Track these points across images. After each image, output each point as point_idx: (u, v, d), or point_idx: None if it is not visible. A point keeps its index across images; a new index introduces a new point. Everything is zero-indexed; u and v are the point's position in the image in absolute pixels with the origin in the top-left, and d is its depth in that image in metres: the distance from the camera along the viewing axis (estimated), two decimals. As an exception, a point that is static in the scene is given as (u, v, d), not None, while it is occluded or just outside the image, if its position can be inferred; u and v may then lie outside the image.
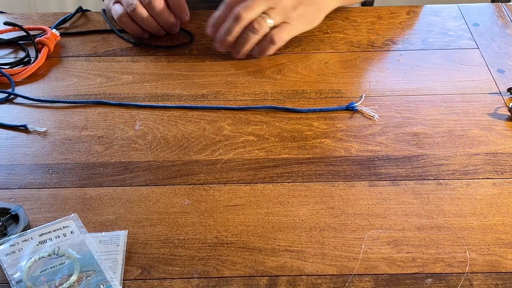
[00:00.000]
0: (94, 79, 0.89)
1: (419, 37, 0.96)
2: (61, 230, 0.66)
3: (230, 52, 0.91)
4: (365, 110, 0.82)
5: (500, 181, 0.72)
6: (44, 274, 0.62)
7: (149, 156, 0.76)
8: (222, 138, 0.79)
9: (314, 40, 0.96)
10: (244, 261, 0.64)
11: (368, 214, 0.68)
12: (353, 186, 0.72)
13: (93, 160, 0.76)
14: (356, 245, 0.65)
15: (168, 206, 0.70)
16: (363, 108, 0.82)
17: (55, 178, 0.73)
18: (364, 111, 0.82)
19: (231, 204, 0.70)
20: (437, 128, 0.80)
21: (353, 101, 0.82)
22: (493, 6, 1.05)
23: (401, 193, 0.71)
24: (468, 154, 0.76)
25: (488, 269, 0.63)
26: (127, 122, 0.81)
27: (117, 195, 0.71)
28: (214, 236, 0.66)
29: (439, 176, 0.73)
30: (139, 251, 0.65)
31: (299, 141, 0.78)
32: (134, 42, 0.95)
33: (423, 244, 0.65)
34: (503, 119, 0.81)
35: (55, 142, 0.78)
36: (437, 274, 0.62)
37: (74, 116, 0.82)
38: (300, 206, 0.70)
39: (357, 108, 0.82)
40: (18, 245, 0.64)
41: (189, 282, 0.62)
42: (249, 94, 0.85)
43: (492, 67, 0.90)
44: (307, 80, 0.88)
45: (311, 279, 0.62)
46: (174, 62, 0.92)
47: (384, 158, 0.75)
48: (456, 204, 0.69)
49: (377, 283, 0.61)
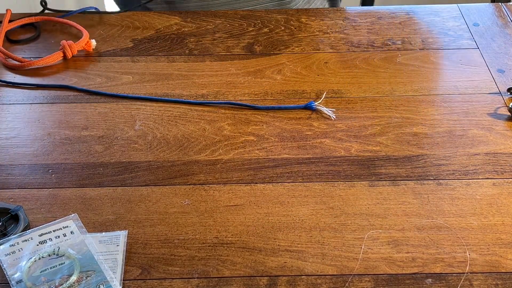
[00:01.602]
0: (94, 79, 0.89)
1: (419, 37, 0.96)
2: (61, 230, 0.66)
3: None
4: (323, 109, 0.82)
5: (500, 181, 0.72)
6: (44, 274, 0.62)
7: (149, 156, 0.76)
8: (222, 138, 0.79)
9: (314, 40, 0.96)
10: (244, 261, 0.64)
11: (368, 214, 0.68)
12: (353, 186, 0.72)
13: (93, 160, 0.76)
14: (356, 245, 0.65)
15: (168, 206, 0.70)
16: (322, 107, 0.82)
17: (55, 178, 0.73)
18: (322, 110, 0.82)
19: (231, 204, 0.70)
20: (437, 128, 0.80)
21: (312, 101, 0.83)
22: (493, 6, 1.05)
23: (401, 193, 0.71)
24: (468, 154, 0.76)
25: (488, 269, 0.63)
26: (127, 122, 0.81)
27: (117, 195, 0.71)
28: (214, 236, 0.66)
29: (439, 176, 0.73)
30: (139, 251, 0.65)
31: (299, 141, 0.78)
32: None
33: (423, 244, 0.65)
34: (503, 119, 0.81)
35: (55, 142, 0.78)
36: (437, 274, 0.62)
37: (74, 116, 0.82)
38: (300, 206, 0.70)
39: (315, 107, 0.82)
40: (18, 245, 0.64)
41: (189, 282, 0.62)
42: (249, 94, 0.85)
43: (492, 67, 0.90)
44: (307, 80, 0.88)
45: (311, 279, 0.62)
46: (174, 62, 0.92)
47: (384, 158, 0.75)
48: (456, 204, 0.69)
49: (377, 283, 0.61)
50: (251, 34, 0.98)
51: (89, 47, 0.94)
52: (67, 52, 0.91)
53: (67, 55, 0.92)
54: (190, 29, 0.99)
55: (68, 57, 0.92)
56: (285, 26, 0.99)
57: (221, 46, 0.95)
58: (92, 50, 0.94)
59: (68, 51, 0.91)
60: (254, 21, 1.00)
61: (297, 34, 0.97)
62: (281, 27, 0.99)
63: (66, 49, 0.91)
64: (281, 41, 0.96)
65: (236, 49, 0.94)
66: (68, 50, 0.91)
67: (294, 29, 0.98)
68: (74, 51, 0.92)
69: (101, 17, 1.02)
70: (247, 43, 0.96)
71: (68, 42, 0.92)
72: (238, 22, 1.00)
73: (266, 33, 0.98)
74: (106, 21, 1.01)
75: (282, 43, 0.95)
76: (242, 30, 0.98)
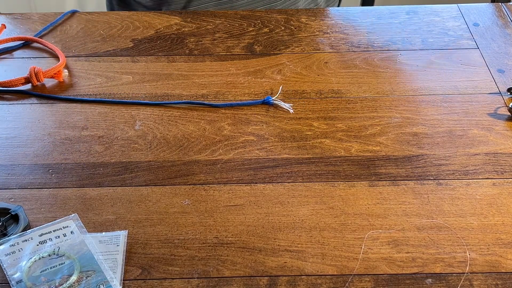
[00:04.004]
0: (94, 79, 0.89)
1: (419, 37, 0.96)
2: (61, 230, 0.66)
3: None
4: (280, 104, 0.82)
5: (500, 181, 0.72)
6: (44, 274, 0.62)
7: (149, 156, 0.76)
8: (222, 138, 0.79)
9: (314, 40, 0.96)
10: (244, 261, 0.64)
11: (368, 214, 0.68)
12: (353, 186, 0.72)
13: (93, 160, 0.76)
14: (356, 245, 0.65)
15: (168, 206, 0.70)
16: (279, 102, 0.82)
17: (55, 178, 0.73)
18: (280, 104, 0.82)
19: (231, 204, 0.70)
20: (437, 128, 0.80)
21: (269, 96, 0.83)
22: (493, 6, 1.05)
23: (401, 193, 0.71)
24: (468, 154, 0.76)
25: (488, 269, 0.63)
26: (127, 122, 0.81)
27: (117, 195, 0.71)
28: (214, 236, 0.66)
29: (439, 176, 0.73)
30: (139, 251, 0.65)
31: (299, 141, 0.78)
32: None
33: (423, 244, 0.65)
34: (503, 119, 0.81)
35: (55, 142, 0.78)
36: (437, 274, 0.62)
37: (74, 116, 0.82)
38: (300, 206, 0.70)
39: (273, 102, 0.82)
40: (18, 245, 0.64)
41: (189, 282, 0.62)
42: (249, 94, 0.85)
43: (492, 67, 0.90)
44: (307, 80, 0.88)
45: (311, 279, 0.62)
46: (174, 62, 0.92)
47: (384, 158, 0.75)
48: (456, 204, 0.69)
49: (377, 283, 0.61)
50: (251, 34, 0.98)
51: (59, 77, 0.88)
52: (32, 80, 0.86)
53: (32, 82, 0.86)
54: (190, 29, 0.99)
55: (34, 84, 0.87)
56: (285, 26, 0.99)
57: (221, 46, 0.95)
58: (62, 80, 0.88)
59: (33, 79, 0.86)
60: (254, 21, 1.00)
61: (297, 34, 0.97)
62: (281, 27, 0.99)
63: (32, 77, 0.86)
64: (281, 41, 0.96)
65: (236, 49, 0.94)
66: (34, 78, 0.86)
67: (294, 29, 0.98)
68: (41, 79, 0.86)
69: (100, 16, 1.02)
70: (247, 43, 0.96)
71: (36, 69, 0.86)
72: (238, 22, 1.00)
73: (266, 33, 0.98)
74: (106, 21, 1.01)
75: (282, 43, 0.95)
76: (242, 30, 0.98)
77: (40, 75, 0.87)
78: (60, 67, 0.89)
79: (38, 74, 0.86)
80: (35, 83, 0.87)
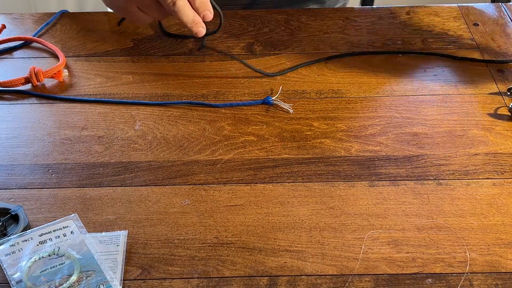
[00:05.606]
0: (94, 79, 0.89)
1: (419, 37, 0.96)
2: (61, 230, 0.66)
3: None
4: (280, 104, 0.82)
5: (500, 181, 0.72)
6: (44, 274, 0.62)
7: (149, 156, 0.76)
8: (222, 138, 0.79)
9: (314, 40, 0.96)
10: (244, 261, 0.64)
11: (368, 214, 0.68)
12: (353, 186, 0.72)
13: (93, 160, 0.76)
14: (356, 245, 0.65)
15: (168, 206, 0.70)
16: (279, 102, 0.82)
17: (55, 178, 0.73)
18: (280, 104, 0.82)
19: (231, 204, 0.70)
20: (437, 128, 0.80)
21: (269, 96, 0.83)
22: (493, 6, 1.05)
23: (401, 193, 0.71)
24: (468, 154, 0.76)
25: (488, 269, 0.63)
26: (127, 122, 0.81)
27: (117, 195, 0.71)
28: (214, 236, 0.66)
29: (439, 176, 0.73)
30: (139, 251, 0.65)
31: (299, 141, 0.78)
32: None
33: (423, 244, 0.65)
34: (503, 119, 0.81)
35: (55, 142, 0.78)
36: (437, 274, 0.62)
37: (74, 116, 0.82)
38: (300, 206, 0.70)
39: (273, 102, 0.82)
40: (18, 245, 0.64)
41: (189, 282, 0.62)
42: (249, 94, 0.85)
43: (492, 67, 0.90)
44: (307, 80, 0.88)
45: (311, 279, 0.62)
46: (174, 62, 0.92)
47: (384, 158, 0.75)
48: (456, 204, 0.69)
49: (377, 283, 0.61)
50: (251, 34, 0.98)
51: (59, 77, 0.88)
52: (32, 80, 0.86)
53: (32, 82, 0.86)
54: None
55: (34, 84, 0.86)
56: (285, 26, 0.99)
57: (221, 46, 0.95)
58: (62, 80, 0.88)
59: (33, 79, 0.86)
60: (254, 21, 1.00)
61: (297, 34, 0.97)
62: (281, 27, 0.99)
63: (31, 77, 0.86)
64: (281, 41, 0.96)
65: (236, 49, 0.94)
66: (33, 78, 0.86)
67: (294, 29, 0.98)
68: (41, 79, 0.86)
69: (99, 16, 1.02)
70: (247, 43, 0.96)
71: (36, 69, 0.86)
72: (238, 22, 1.00)
73: (266, 33, 0.98)
74: (106, 21, 1.01)
75: (282, 43, 0.95)
76: (242, 30, 0.98)
77: (40, 75, 0.86)
78: (60, 67, 0.88)
79: (38, 74, 0.86)
80: (35, 83, 0.87)
